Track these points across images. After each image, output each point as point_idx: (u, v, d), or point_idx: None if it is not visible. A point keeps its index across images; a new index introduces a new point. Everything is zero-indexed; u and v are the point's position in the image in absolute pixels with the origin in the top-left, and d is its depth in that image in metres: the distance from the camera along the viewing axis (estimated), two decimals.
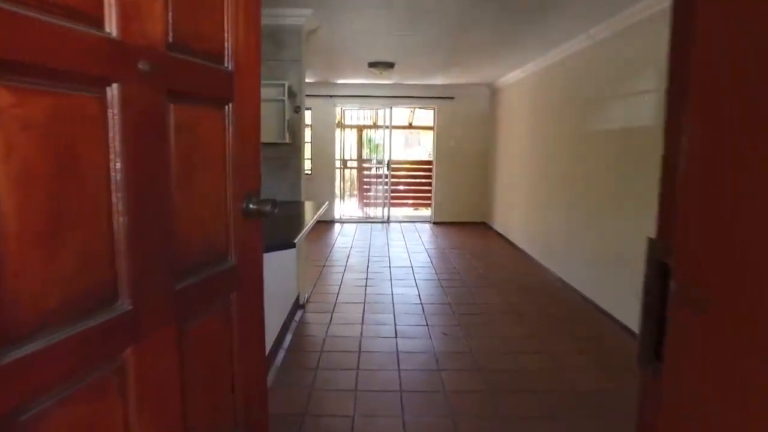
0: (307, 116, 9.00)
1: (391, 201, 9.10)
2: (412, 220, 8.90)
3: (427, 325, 3.71)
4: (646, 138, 3.45)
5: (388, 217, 8.76)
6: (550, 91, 5.41)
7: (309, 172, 8.62)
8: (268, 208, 1.28)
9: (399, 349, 3.27)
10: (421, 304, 4.20)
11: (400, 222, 8.75)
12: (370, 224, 8.45)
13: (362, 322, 3.75)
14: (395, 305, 4.16)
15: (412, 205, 10.53)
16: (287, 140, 3.58)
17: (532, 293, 4.54)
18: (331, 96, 8.25)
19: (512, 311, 4.04)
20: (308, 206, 3.71)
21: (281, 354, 3.18)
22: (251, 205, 1.26)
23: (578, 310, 4.10)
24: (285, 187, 3.84)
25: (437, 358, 3.14)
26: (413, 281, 4.88)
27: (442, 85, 8.02)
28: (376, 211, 9.06)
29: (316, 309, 4.07)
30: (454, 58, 5.58)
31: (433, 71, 6.58)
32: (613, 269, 3.88)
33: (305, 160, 9.13)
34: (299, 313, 3.93)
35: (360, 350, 3.25)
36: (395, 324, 3.73)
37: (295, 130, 3.75)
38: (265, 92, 3.66)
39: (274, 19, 3.63)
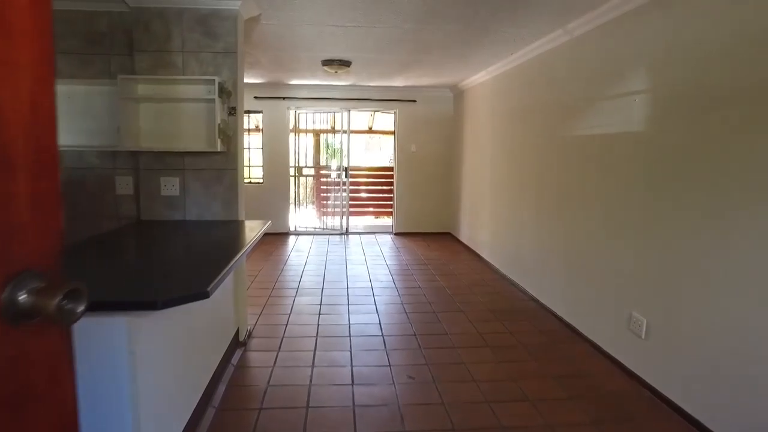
0: (258, 120, 8.33)
1: (351, 210, 8.53)
2: (373, 231, 8.34)
3: (389, 365, 3.16)
4: (633, 145, 3.02)
5: (347, 229, 8.17)
6: (519, 94, 4.98)
7: (261, 180, 7.96)
8: (66, 304, 0.68)
9: (356, 401, 2.70)
10: (383, 336, 3.64)
11: (360, 233, 8.17)
12: (327, 236, 7.84)
13: (313, 364, 3.17)
14: (353, 339, 3.59)
15: (373, 213, 10.00)
16: (219, 148, 2.96)
17: (505, 318, 4.05)
18: (284, 98, 7.61)
19: (486, 343, 3.53)
20: (248, 227, 3.10)
21: (210, 413, 2.56)
22: (22, 297, 0.66)
23: (559, 339, 3.64)
24: (217, 205, 3.21)
25: (402, 413, 2.59)
26: (373, 306, 4.32)
27: (403, 87, 7.53)
28: (334, 221, 8.46)
29: (260, 346, 3.45)
30: (415, 56, 5.08)
31: (393, 72, 6.06)
32: (594, 290, 3.44)
33: (255, 168, 8.60)
34: (238, 354, 3.30)
35: (308, 404, 2.66)
36: (352, 365, 3.16)
37: (230, 135, 3.13)
38: (189, 90, 3.04)
39: (205, 2, 3.02)
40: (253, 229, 2.99)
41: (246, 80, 6.85)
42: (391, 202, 8.61)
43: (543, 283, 4.35)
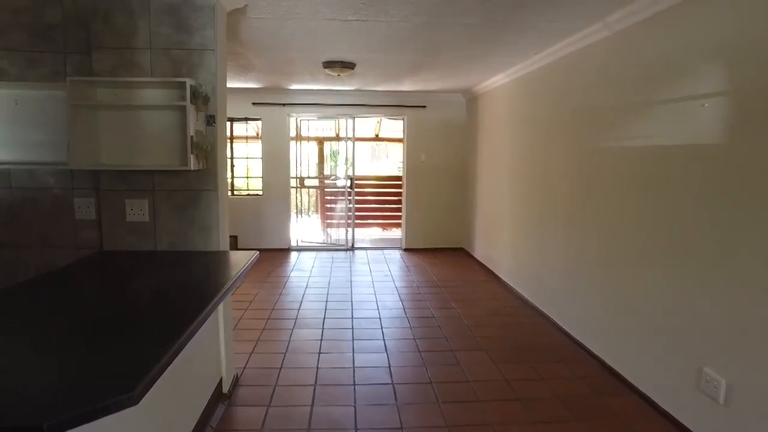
0: (257, 128, 7.82)
1: (357, 222, 7.98)
2: (381, 246, 7.76)
3: (402, 428, 2.59)
4: (700, 159, 2.44)
5: (353, 244, 7.61)
6: (544, 99, 4.41)
7: (260, 192, 7.44)
8: None
9: None
10: (393, 384, 3.07)
11: (366, 249, 7.60)
12: (331, 253, 7.28)
13: (309, 425, 2.61)
14: (357, 388, 3.02)
15: (381, 225, 9.47)
16: (192, 166, 2.42)
17: (534, 358, 3.47)
18: (284, 104, 7.09)
19: (515, 394, 2.95)
20: (231, 260, 2.56)
21: None
22: None
23: (603, 389, 3.05)
24: (193, 233, 2.67)
25: None
26: (382, 342, 3.75)
27: (413, 92, 6.98)
28: (339, 234, 7.91)
29: (248, 399, 2.90)
30: (426, 56, 4.53)
31: (401, 74, 5.52)
32: (648, 333, 2.85)
33: (254, 179, 8.06)
34: (219, 410, 2.75)
35: None
36: (356, 427, 2.59)
37: (206, 150, 2.59)
38: (157, 95, 2.51)
39: None
40: (237, 264, 2.45)
41: (242, 85, 6.36)
42: (400, 213, 8.06)
43: (576, 315, 3.76)
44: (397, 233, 8.82)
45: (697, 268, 2.46)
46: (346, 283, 5.53)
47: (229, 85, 6.23)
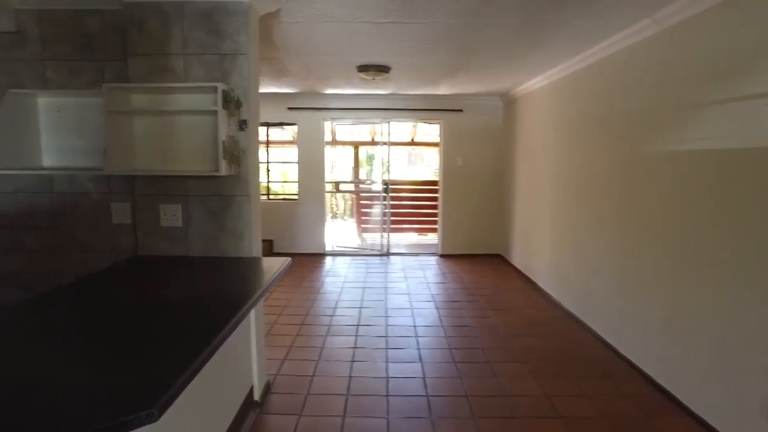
0: (293, 132, 7.88)
1: (392, 227, 7.90)
2: (417, 252, 7.66)
3: None
4: None
5: (388, 249, 7.53)
6: (588, 101, 4.23)
7: (296, 197, 7.47)
8: None
9: None
10: (428, 396, 2.97)
11: (402, 254, 7.51)
12: (366, 258, 7.23)
13: None
14: (391, 399, 2.93)
15: (416, 230, 9.37)
16: (223, 171, 2.40)
17: (576, 373, 3.30)
18: (319, 109, 7.10)
19: (557, 411, 2.80)
20: (264, 266, 2.53)
21: None
22: None
23: (653, 410, 2.86)
24: (225, 239, 2.65)
25: None
26: (416, 352, 3.65)
27: (449, 96, 6.87)
28: (374, 239, 7.86)
29: (279, 406, 2.85)
30: (462, 59, 4.42)
31: (437, 78, 5.42)
32: (708, 352, 2.65)
33: (291, 184, 8.09)
34: (251, 418, 2.71)
35: None
36: None
37: (239, 155, 2.57)
38: (190, 100, 2.50)
39: None
40: (268, 270, 2.42)
41: (278, 90, 6.40)
42: (436, 218, 7.95)
43: (624, 329, 3.56)
44: (432, 239, 8.70)
45: None
46: (380, 289, 5.46)
47: (265, 90, 6.28)
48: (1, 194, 2.86)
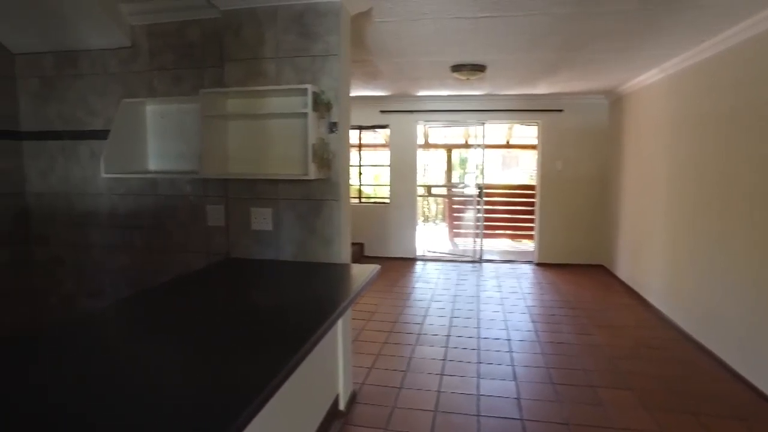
0: (385, 135, 7.87)
1: (485, 232, 7.60)
2: (511, 260, 7.29)
3: None
4: None
5: (481, 255, 7.24)
6: (717, 95, 3.71)
7: (388, 200, 7.43)
8: None
9: None
10: (522, 421, 2.72)
11: (495, 262, 7.19)
12: (458, 265, 7.00)
13: None
14: (482, 420, 2.73)
15: (510, 236, 8.99)
16: (312, 175, 2.35)
17: (700, 409, 2.87)
18: (411, 111, 7.01)
19: None
20: (352, 273, 2.46)
21: None
22: None
23: None
24: (315, 244, 2.61)
25: None
26: (510, 369, 3.40)
27: (548, 95, 6.46)
28: (466, 244, 7.62)
29: (364, 419, 2.76)
30: (565, 54, 4.09)
31: (536, 76, 5.10)
32: None
33: (382, 187, 8.05)
34: (335, 428, 2.64)
35: None
36: None
37: (329, 158, 2.51)
38: (282, 103, 2.49)
39: None
40: (356, 278, 2.34)
41: (370, 93, 6.39)
42: (531, 225, 7.56)
43: (762, 359, 3.05)
44: (528, 246, 8.29)
45: None
46: (472, 298, 5.23)
47: (357, 93, 6.30)
48: (115, 196, 3.05)
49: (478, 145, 7.24)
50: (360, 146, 7.73)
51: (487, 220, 7.89)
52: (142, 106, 2.87)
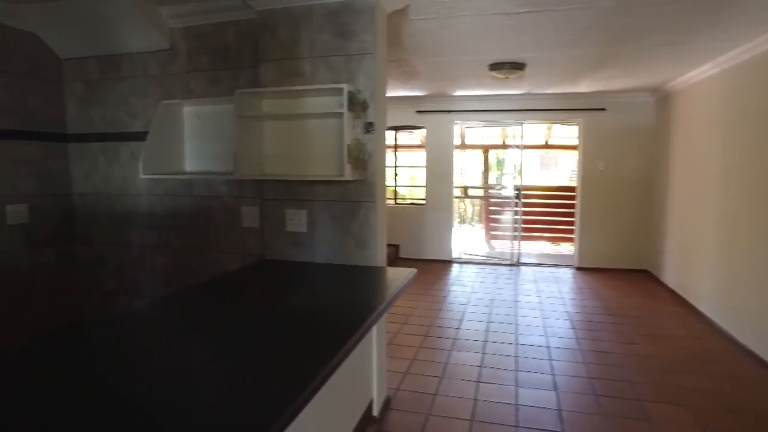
0: (421, 136, 7.79)
1: (523, 234, 7.42)
2: (550, 263, 7.09)
3: None
4: None
5: (519, 259, 7.07)
6: None
7: (423, 201, 7.36)
8: None
9: None
10: None
11: (533, 265, 7.00)
12: (495, 268, 6.85)
13: None
14: None
15: (549, 239, 8.76)
16: (347, 176, 2.30)
17: (756, 428, 2.67)
18: (448, 111, 6.91)
19: None
20: (388, 277, 2.40)
21: None
22: None
23: None
24: (350, 246, 2.56)
25: None
26: (550, 378, 3.27)
27: (590, 93, 6.24)
28: (503, 247, 7.46)
29: (397, 426, 2.70)
30: (611, 49, 3.92)
31: (578, 73, 4.92)
32: None
33: (418, 189, 7.96)
34: None
35: None
36: None
37: (365, 159, 2.46)
38: (317, 103, 2.45)
39: None
40: (392, 282, 2.29)
41: (406, 93, 6.34)
42: (571, 227, 7.33)
43: None
44: (567, 249, 8.05)
45: None
46: (510, 303, 5.09)
47: (393, 93, 6.25)
48: (153, 196, 3.10)
49: (517, 146, 7.07)
50: (396, 147, 7.68)
51: (525, 222, 7.70)
52: (179, 107, 2.89)
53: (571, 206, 7.34)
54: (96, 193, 3.23)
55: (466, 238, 8.37)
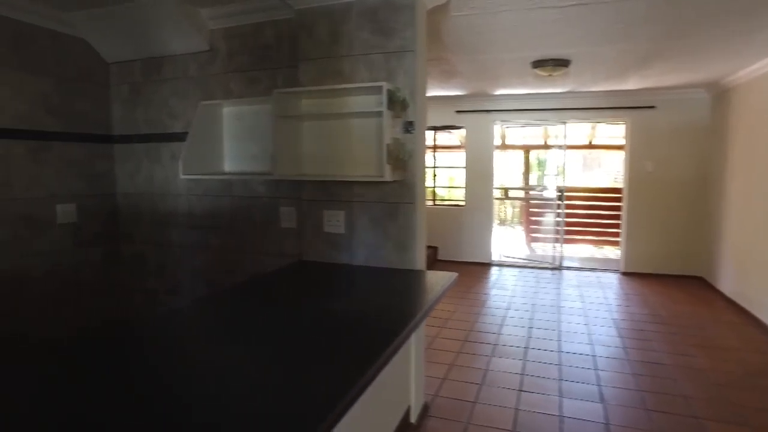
0: (460, 136, 7.66)
1: (565, 237, 7.19)
2: (594, 268, 6.83)
3: None
4: None
5: (561, 262, 6.85)
6: None
7: (463, 203, 7.23)
8: None
9: None
10: None
11: (576, 269, 6.76)
12: (536, 271, 6.65)
13: None
14: None
15: (593, 242, 8.46)
16: (387, 177, 2.24)
17: None
18: (488, 111, 6.76)
19: None
20: (427, 281, 2.33)
21: None
22: None
23: None
24: (389, 248, 2.50)
25: None
26: (596, 389, 3.11)
27: (637, 90, 5.98)
28: (545, 250, 7.24)
29: None
30: (664, 43, 3.71)
31: (625, 69, 4.70)
32: None
33: (458, 189, 7.83)
34: None
35: None
36: None
37: (404, 159, 2.39)
38: (356, 102, 2.41)
39: None
40: (432, 287, 2.22)
41: (445, 93, 6.24)
42: (616, 230, 7.05)
43: None
44: (612, 253, 7.74)
45: None
46: (552, 308, 4.91)
47: (432, 93, 6.16)
48: (193, 197, 3.13)
49: (559, 146, 6.85)
50: (435, 147, 7.59)
51: (567, 224, 7.46)
52: (218, 107, 2.91)
53: (616, 208, 7.06)
54: (139, 193, 3.29)
55: (505, 241, 8.17)
